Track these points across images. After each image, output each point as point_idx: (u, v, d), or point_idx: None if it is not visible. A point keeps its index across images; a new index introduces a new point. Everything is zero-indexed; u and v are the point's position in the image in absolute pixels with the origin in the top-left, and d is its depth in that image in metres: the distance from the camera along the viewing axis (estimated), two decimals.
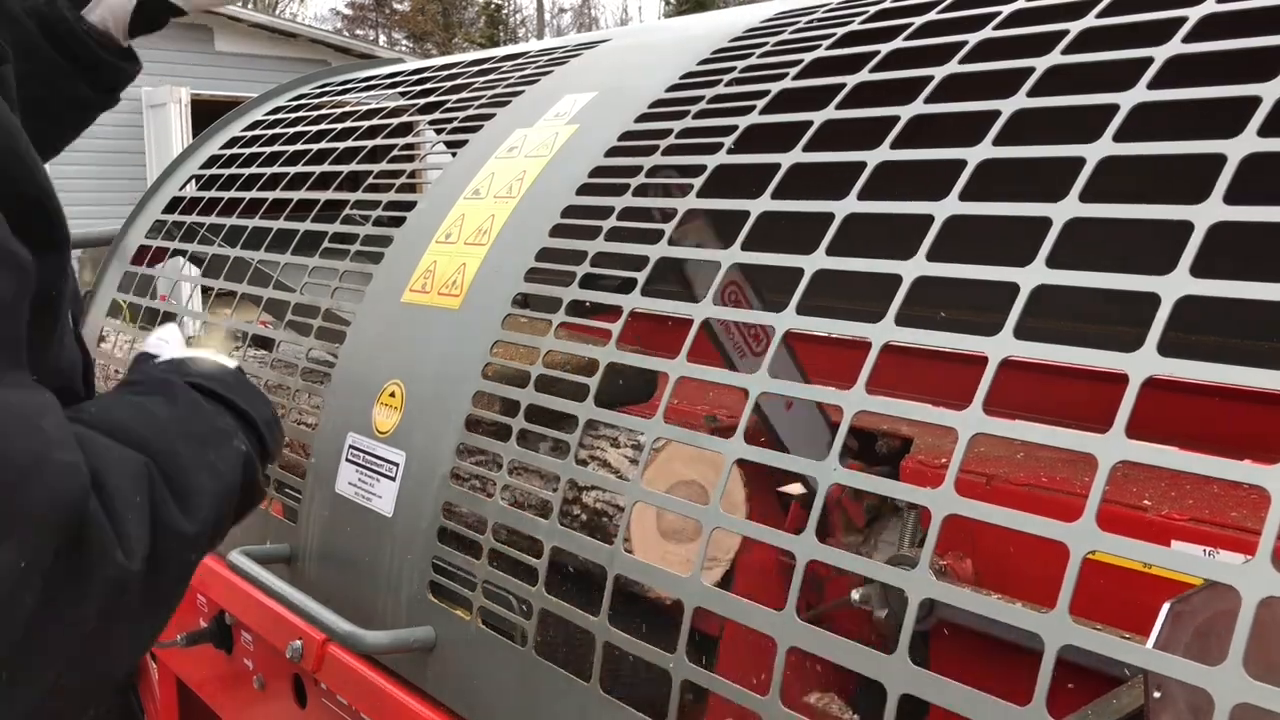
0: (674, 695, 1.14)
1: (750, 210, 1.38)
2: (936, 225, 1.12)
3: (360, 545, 1.69)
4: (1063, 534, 0.88)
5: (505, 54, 2.54)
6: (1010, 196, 1.08)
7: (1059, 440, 0.92)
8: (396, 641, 1.52)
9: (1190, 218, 0.92)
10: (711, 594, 1.17)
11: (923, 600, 0.96)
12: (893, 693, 0.95)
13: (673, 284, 1.68)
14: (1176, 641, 0.93)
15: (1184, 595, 0.95)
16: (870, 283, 1.17)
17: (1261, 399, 1.91)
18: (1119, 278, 0.94)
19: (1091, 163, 1.04)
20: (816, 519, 1.08)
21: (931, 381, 2.00)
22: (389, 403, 1.71)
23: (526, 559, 1.38)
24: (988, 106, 1.19)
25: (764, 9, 1.92)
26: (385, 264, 1.92)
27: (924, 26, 1.46)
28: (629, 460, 1.46)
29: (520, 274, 1.62)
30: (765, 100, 1.51)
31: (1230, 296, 0.86)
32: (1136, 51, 1.11)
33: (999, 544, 1.68)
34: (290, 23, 16.18)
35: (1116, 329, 1.19)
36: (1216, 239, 0.90)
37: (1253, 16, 1.11)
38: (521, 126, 1.96)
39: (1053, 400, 1.99)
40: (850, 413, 1.09)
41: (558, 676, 1.32)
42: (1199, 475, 0.86)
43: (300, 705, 1.80)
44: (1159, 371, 0.87)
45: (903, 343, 1.09)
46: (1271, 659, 0.80)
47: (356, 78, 3.07)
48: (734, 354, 1.84)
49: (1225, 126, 0.96)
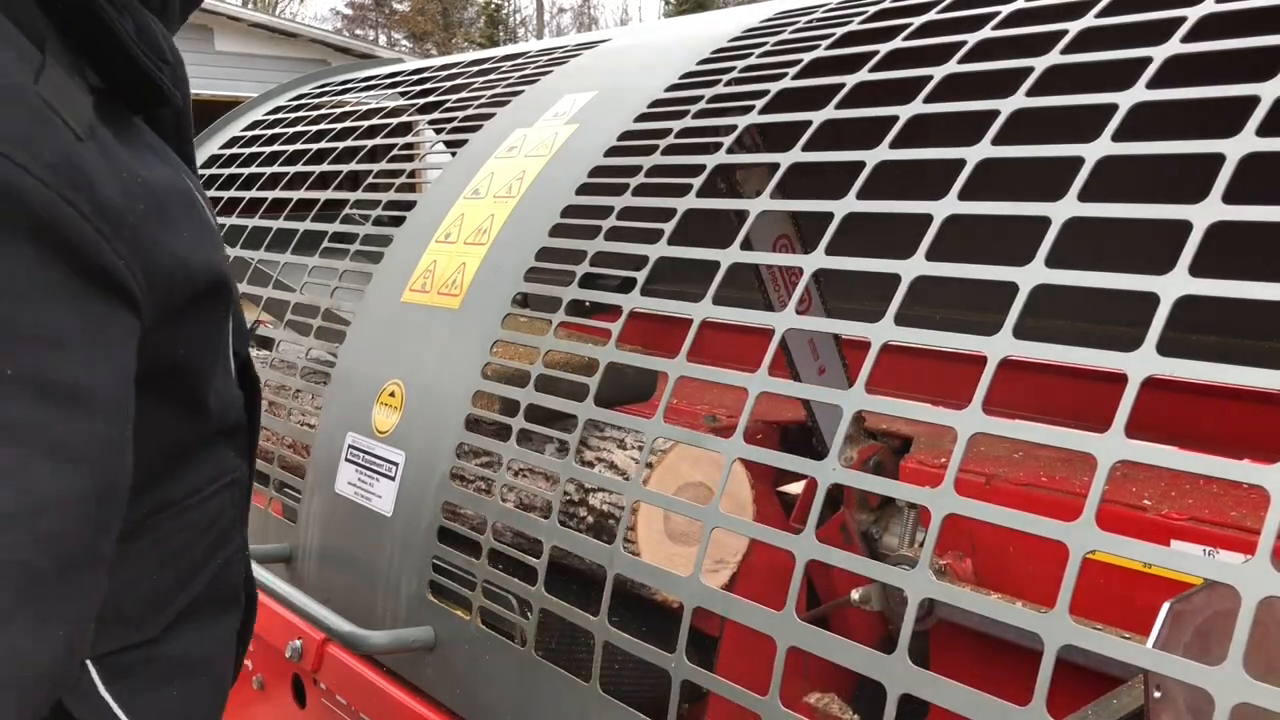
0: (674, 695, 1.14)
1: (750, 210, 1.38)
2: (936, 225, 1.12)
3: (360, 545, 1.69)
4: (1063, 534, 0.88)
5: (505, 54, 2.54)
6: (1010, 196, 1.08)
7: (1059, 440, 0.92)
8: (396, 641, 1.52)
9: (1190, 217, 0.92)
10: (711, 594, 1.17)
11: (922, 600, 0.96)
12: (893, 693, 0.95)
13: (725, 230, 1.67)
14: (1176, 641, 0.93)
15: (1184, 595, 0.95)
16: (868, 282, 1.17)
17: (1261, 399, 1.91)
18: (1119, 277, 0.94)
19: (1091, 162, 1.04)
20: (816, 520, 1.08)
21: (931, 381, 2.00)
22: (389, 402, 1.71)
23: (527, 559, 1.38)
24: (988, 106, 1.19)
25: (764, 9, 1.92)
26: (385, 263, 1.92)
27: (923, 27, 1.46)
28: (635, 462, 1.46)
29: (520, 274, 1.62)
30: (765, 100, 1.51)
31: (1230, 296, 0.86)
32: (1136, 51, 1.11)
33: (999, 544, 1.68)
34: (290, 22, 16.18)
35: (1116, 329, 1.19)
36: (1216, 239, 0.90)
37: (1252, 16, 1.11)
38: (521, 126, 1.96)
39: (1053, 400, 1.99)
40: (850, 412, 1.09)
41: (557, 676, 1.32)
42: (1199, 475, 0.86)
43: (300, 705, 1.80)
44: (1159, 371, 0.87)
45: (902, 342, 1.09)
46: (1272, 659, 0.80)
47: (356, 78, 3.07)
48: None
49: (1219, 126, 0.96)
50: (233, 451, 0.98)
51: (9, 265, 0.65)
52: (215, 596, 0.97)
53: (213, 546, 0.96)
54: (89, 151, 0.71)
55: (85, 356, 0.69)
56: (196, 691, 0.95)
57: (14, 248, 0.66)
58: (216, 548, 0.96)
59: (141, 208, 0.75)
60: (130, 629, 0.87)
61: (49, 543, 0.66)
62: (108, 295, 0.71)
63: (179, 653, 0.92)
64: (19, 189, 0.66)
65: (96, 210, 0.70)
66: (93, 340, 0.69)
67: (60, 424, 0.67)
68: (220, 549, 0.97)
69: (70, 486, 0.68)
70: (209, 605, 0.96)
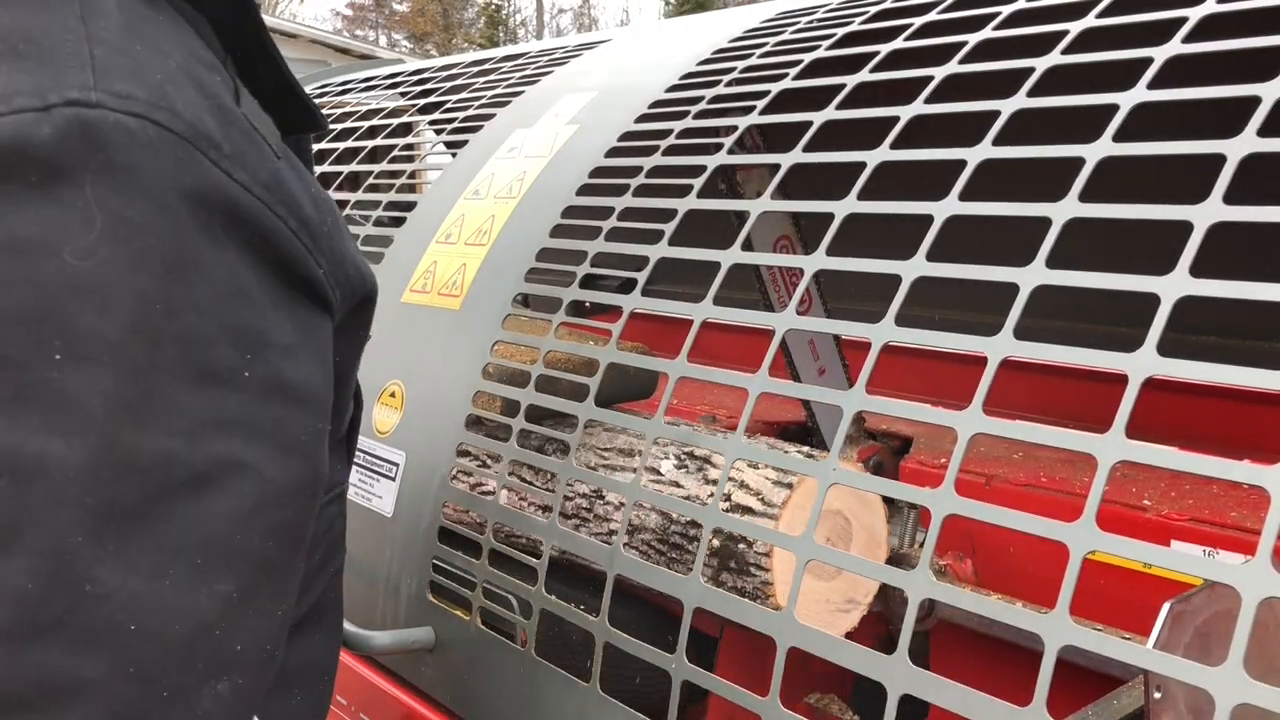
0: (674, 695, 1.14)
1: (750, 210, 1.38)
2: (936, 225, 1.12)
3: (360, 545, 1.69)
4: (1062, 534, 0.88)
5: (505, 54, 2.55)
6: (1010, 197, 1.08)
7: (1059, 440, 0.92)
8: (396, 642, 1.52)
9: (1190, 218, 0.92)
10: (711, 594, 1.17)
11: (923, 601, 0.96)
12: (893, 693, 0.95)
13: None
14: (1176, 641, 0.93)
15: (1184, 595, 0.95)
16: (868, 282, 1.17)
17: (1261, 399, 1.92)
18: (1119, 278, 0.94)
19: (1091, 163, 1.04)
20: (815, 522, 1.08)
21: (931, 381, 2.00)
22: (389, 403, 1.71)
23: (527, 559, 1.38)
24: (988, 106, 1.19)
25: (764, 9, 1.93)
26: (385, 264, 1.92)
27: (924, 27, 1.46)
28: (771, 482, 1.34)
29: (520, 274, 1.62)
30: (765, 100, 1.51)
31: (1230, 296, 0.86)
32: (1136, 51, 1.11)
33: (999, 544, 1.68)
34: (290, 23, 16.19)
35: (1116, 329, 1.19)
36: (1216, 239, 0.90)
37: (1253, 16, 1.11)
38: (521, 127, 1.96)
39: (1053, 400, 2.00)
40: (850, 413, 1.09)
41: (557, 676, 1.32)
42: (1199, 475, 0.86)
43: None
44: (1159, 371, 0.87)
45: (902, 343, 1.09)
46: (1273, 659, 0.80)
47: (356, 78, 3.07)
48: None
49: (1217, 126, 0.96)
50: (341, 464, 1.00)
51: (240, 279, 0.70)
52: (326, 605, 0.99)
53: (326, 556, 0.97)
54: (286, 170, 0.75)
55: (305, 358, 0.75)
56: (316, 697, 0.98)
57: (241, 263, 0.70)
58: (329, 557, 0.98)
59: (330, 220, 0.80)
60: None
61: (281, 531, 0.72)
62: (312, 302, 0.77)
63: (299, 662, 0.93)
64: (242, 207, 0.70)
65: (302, 225, 0.75)
66: (307, 343, 0.76)
67: (288, 421, 0.73)
68: (333, 559, 0.99)
69: (297, 478, 0.74)
70: (322, 614, 0.98)
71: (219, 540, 0.68)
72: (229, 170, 0.69)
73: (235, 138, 0.71)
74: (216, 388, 0.68)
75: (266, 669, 0.75)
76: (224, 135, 0.70)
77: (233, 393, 0.69)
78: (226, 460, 0.68)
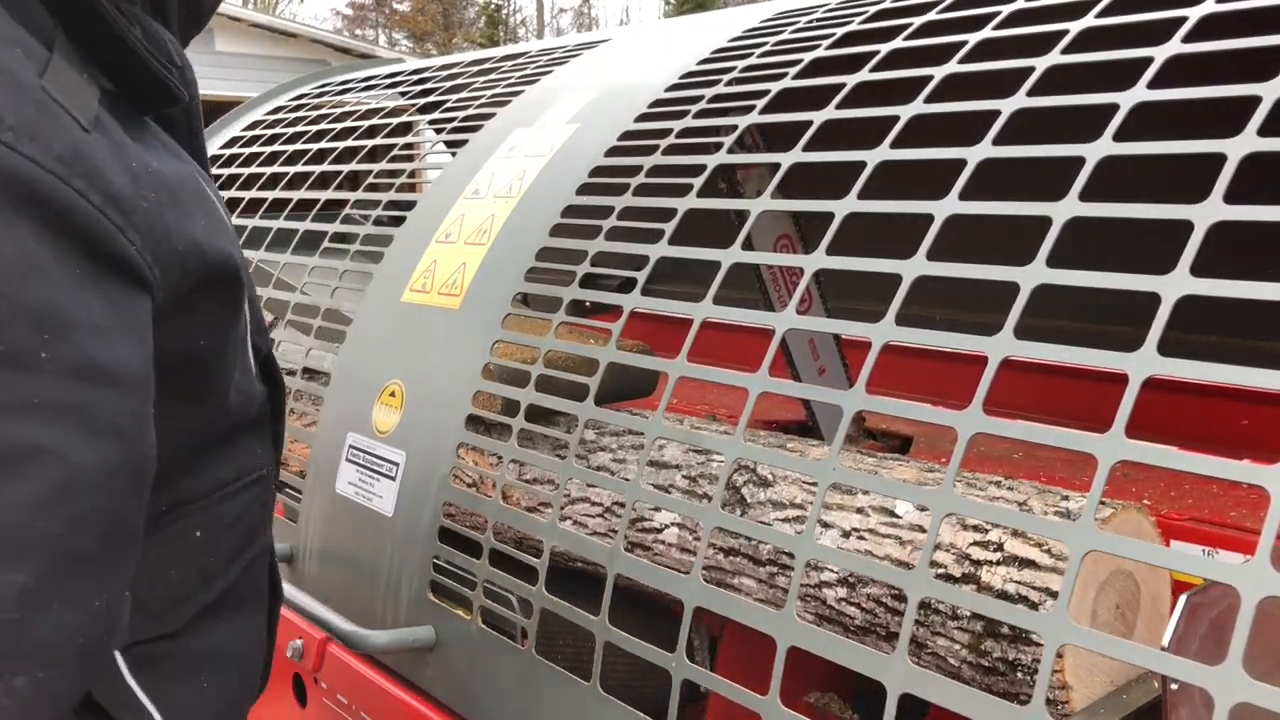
0: (674, 695, 1.14)
1: (750, 210, 1.38)
2: (936, 224, 1.12)
3: (360, 545, 1.69)
4: (1063, 533, 0.88)
5: (505, 54, 2.55)
6: (1009, 197, 1.08)
7: (1059, 440, 0.92)
8: (397, 641, 1.52)
9: (1190, 217, 0.92)
10: (711, 594, 1.17)
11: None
12: (893, 693, 0.96)
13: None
14: (1192, 634, 0.93)
15: (1200, 588, 0.94)
16: (869, 282, 1.17)
17: (1261, 399, 1.92)
18: (1119, 277, 0.94)
19: (1091, 162, 1.04)
20: (814, 522, 1.08)
21: (931, 381, 2.00)
22: (389, 402, 1.71)
23: (527, 559, 1.38)
24: (988, 106, 1.19)
25: (764, 9, 1.93)
26: (385, 263, 1.92)
27: (923, 27, 1.46)
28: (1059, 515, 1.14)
29: (520, 273, 1.62)
30: (765, 100, 1.51)
31: (1230, 296, 0.86)
32: (1136, 51, 1.11)
33: None
34: (290, 22, 16.19)
35: (1116, 329, 1.19)
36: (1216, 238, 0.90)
37: (1253, 16, 1.11)
38: (521, 126, 1.96)
39: (1053, 400, 2.00)
40: (850, 412, 1.09)
41: (558, 676, 1.32)
42: (1199, 475, 0.86)
43: (300, 704, 1.80)
44: (1159, 371, 0.87)
45: (903, 342, 1.09)
46: (1271, 659, 0.80)
47: (356, 78, 3.07)
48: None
49: (1217, 127, 0.96)
50: (258, 448, 0.98)
51: (33, 256, 0.67)
52: (242, 592, 0.98)
53: (239, 543, 0.96)
54: (97, 143, 0.72)
55: (119, 338, 0.71)
56: (225, 684, 0.96)
57: (33, 239, 0.67)
58: (243, 544, 0.97)
59: (153, 196, 0.76)
60: (152, 620, 0.88)
61: (91, 518, 0.69)
62: (125, 280, 0.73)
63: (206, 647, 0.93)
64: (29, 181, 0.67)
65: (108, 200, 0.71)
66: (120, 322, 0.72)
67: (97, 404, 0.69)
68: (247, 546, 0.98)
69: (109, 462, 0.70)
70: (236, 601, 0.97)
71: (12, 528, 0.65)
72: (11, 143, 0.66)
73: (25, 110, 0.68)
74: (10, 370, 0.65)
75: (84, 663, 0.72)
76: (7, 107, 0.67)
77: (29, 375, 0.66)
78: (22, 445, 0.65)
